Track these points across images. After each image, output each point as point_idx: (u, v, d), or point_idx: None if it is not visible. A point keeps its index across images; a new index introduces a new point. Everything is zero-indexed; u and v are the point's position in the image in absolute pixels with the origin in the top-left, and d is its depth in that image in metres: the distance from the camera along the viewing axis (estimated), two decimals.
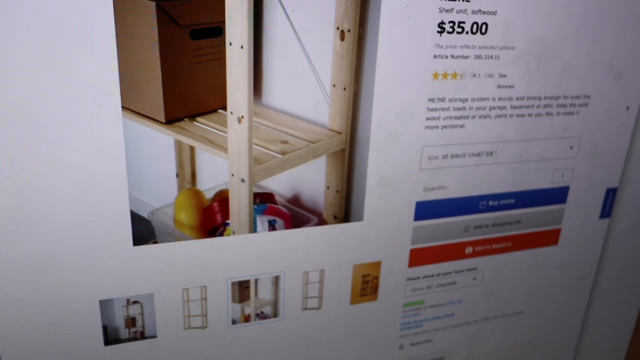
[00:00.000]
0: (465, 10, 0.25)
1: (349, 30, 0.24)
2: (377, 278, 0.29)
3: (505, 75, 0.27)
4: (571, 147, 0.31)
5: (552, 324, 0.36)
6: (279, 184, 0.25)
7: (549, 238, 0.33)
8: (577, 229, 0.33)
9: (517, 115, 0.29)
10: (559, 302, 0.35)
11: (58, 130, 0.20)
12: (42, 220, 0.21)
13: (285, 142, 0.24)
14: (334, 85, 0.24)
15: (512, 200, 0.31)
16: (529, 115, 0.29)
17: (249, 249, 0.25)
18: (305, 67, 0.24)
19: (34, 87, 0.19)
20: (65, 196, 0.21)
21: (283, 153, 0.24)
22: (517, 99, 0.28)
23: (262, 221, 0.25)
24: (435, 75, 0.26)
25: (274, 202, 0.25)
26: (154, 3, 0.20)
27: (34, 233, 0.21)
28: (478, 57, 0.26)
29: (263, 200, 0.25)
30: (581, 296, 0.36)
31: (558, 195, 0.32)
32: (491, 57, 0.27)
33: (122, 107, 0.20)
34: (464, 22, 0.25)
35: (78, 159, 0.21)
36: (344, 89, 0.24)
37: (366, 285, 0.29)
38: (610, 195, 0.33)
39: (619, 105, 0.31)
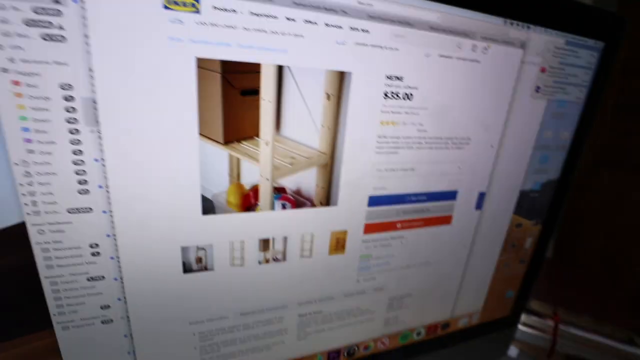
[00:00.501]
0: (400, 85, 0.26)
1: (331, 94, 0.24)
2: (344, 240, 0.29)
3: (422, 124, 0.28)
4: (459, 167, 0.31)
5: (445, 271, 0.36)
6: (289, 182, 0.25)
7: (446, 220, 0.33)
8: (462, 216, 0.34)
9: (428, 148, 0.29)
10: (449, 258, 0.35)
11: (165, 147, 0.21)
12: (153, 195, 0.22)
13: (293, 158, 0.24)
14: (322, 125, 0.25)
15: (425, 197, 0.31)
16: (436, 147, 0.29)
17: (270, 220, 0.26)
18: (307, 113, 0.24)
19: (153, 124, 0.20)
20: (167, 184, 0.22)
21: (291, 164, 0.25)
22: (429, 138, 0.29)
23: (278, 204, 0.25)
24: (382, 123, 0.26)
25: (285, 193, 0.25)
26: (220, 75, 0.21)
27: (146, 205, 0.22)
28: (407, 113, 0.27)
29: (279, 192, 0.25)
30: (463, 255, 0.36)
31: (451, 195, 0.32)
32: (414, 113, 0.27)
33: (200, 134, 0.21)
34: (398, 92, 0.26)
35: (174, 164, 0.21)
36: (328, 128, 0.25)
37: (338, 244, 0.29)
38: (481, 196, 0.34)
39: (486, 144, 0.32)
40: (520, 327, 0.55)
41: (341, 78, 0.24)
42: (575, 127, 0.36)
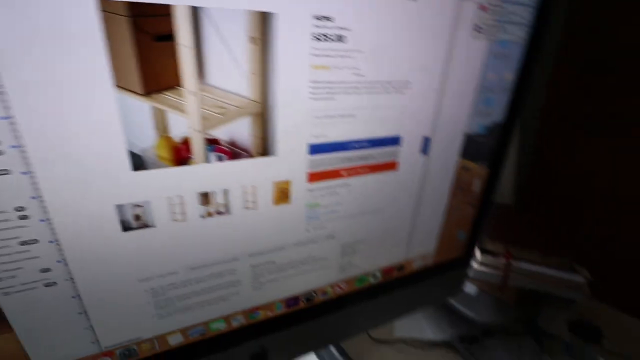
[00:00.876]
0: (330, 26, 0.25)
1: (257, 38, 0.24)
2: (288, 189, 0.30)
3: (358, 68, 0.28)
4: (400, 112, 0.31)
5: (395, 216, 0.37)
6: (222, 134, 0.25)
7: (391, 166, 0.34)
8: (408, 161, 0.35)
9: (367, 92, 0.29)
10: (399, 203, 0.37)
11: (79, 102, 0.20)
12: (75, 153, 0.21)
13: (223, 107, 0.24)
14: (251, 72, 0.24)
15: (368, 143, 0.32)
16: (375, 92, 0.30)
17: (206, 173, 0.26)
18: (233, 59, 0.23)
19: (62, 76, 0.19)
20: (88, 141, 0.21)
21: (222, 114, 0.24)
22: (366, 82, 0.29)
23: (213, 156, 0.25)
24: (313, 67, 0.26)
25: (219, 144, 0.25)
26: (128, 19, 0.20)
27: (70, 163, 0.21)
28: (341, 56, 0.27)
29: (212, 143, 0.25)
30: (412, 200, 0.38)
31: (394, 140, 0.33)
32: (348, 56, 0.27)
33: (118, 86, 0.20)
34: (329, 34, 0.26)
35: (92, 119, 0.21)
36: (258, 74, 0.24)
37: (282, 194, 0.30)
38: (426, 140, 0.35)
39: (427, 87, 0.32)
40: (477, 266, 0.60)
41: (266, 20, 0.23)
42: (519, 68, 0.37)
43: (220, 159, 0.26)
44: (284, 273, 0.34)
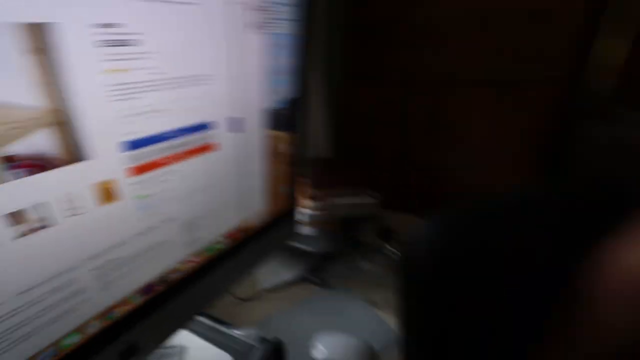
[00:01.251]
0: (118, 32, 0.27)
1: (41, 48, 0.24)
2: (112, 188, 0.31)
3: (158, 67, 0.31)
4: (207, 101, 0.37)
5: (225, 188, 0.44)
6: (27, 148, 0.25)
7: (211, 147, 0.40)
8: (225, 140, 0.42)
9: (172, 88, 0.33)
10: (226, 177, 0.43)
11: None
12: None
13: (15, 122, 0.24)
14: (44, 82, 0.24)
15: (183, 132, 0.36)
16: (180, 86, 0.34)
17: (7, 193, 0.25)
18: (17, 72, 0.23)
19: None
20: None
21: (15, 128, 0.24)
22: (170, 79, 0.33)
23: (15, 173, 0.25)
24: (108, 71, 0.28)
25: (19, 160, 0.24)
26: None
27: None
28: (136, 59, 0.29)
29: (10, 161, 0.24)
30: (236, 172, 0.45)
31: (208, 125, 0.39)
32: (145, 58, 0.30)
33: None
34: (118, 40, 0.28)
35: None
36: (51, 83, 0.25)
37: (107, 193, 0.31)
38: (237, 120, 0.42)
39: (225, 76, 0.39)
40: (308, 210, 0.75)
41: (45, 30, 0.24)
42: (296, 53, 0.47)
43: (23, 174, 0.25)
44: (131, 265, 0.36)
